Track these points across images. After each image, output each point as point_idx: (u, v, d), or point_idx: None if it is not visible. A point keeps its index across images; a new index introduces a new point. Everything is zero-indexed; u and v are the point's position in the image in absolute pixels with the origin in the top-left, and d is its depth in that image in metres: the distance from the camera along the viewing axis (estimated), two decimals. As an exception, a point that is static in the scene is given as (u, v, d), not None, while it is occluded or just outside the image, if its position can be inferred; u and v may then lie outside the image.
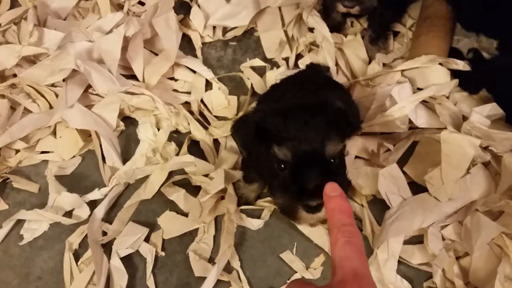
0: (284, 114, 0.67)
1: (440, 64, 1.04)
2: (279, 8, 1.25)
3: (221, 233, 0.97)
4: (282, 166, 0.65)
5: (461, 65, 1.03)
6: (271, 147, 0.65)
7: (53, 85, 1.15)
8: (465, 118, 1.01)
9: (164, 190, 1.04)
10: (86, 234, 1.00)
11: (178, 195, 1.03)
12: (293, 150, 0.63)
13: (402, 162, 1.03)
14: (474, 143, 0.92)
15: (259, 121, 0.68)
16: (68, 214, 1.04)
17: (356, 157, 1.05)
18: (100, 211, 1.02)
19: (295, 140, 0.63)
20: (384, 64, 1.13)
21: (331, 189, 0.46)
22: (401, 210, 0.95)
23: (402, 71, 1.06)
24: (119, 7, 1.32)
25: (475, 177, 0.95)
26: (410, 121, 1.02)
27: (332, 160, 0.64)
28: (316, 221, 0.63)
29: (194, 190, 1.04)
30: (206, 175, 1.04)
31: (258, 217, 1.01)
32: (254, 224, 0.99)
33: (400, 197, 0.98)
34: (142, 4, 1.33)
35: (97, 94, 1.14)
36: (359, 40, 1.17)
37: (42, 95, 1.15)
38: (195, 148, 1.10)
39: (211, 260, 0.98)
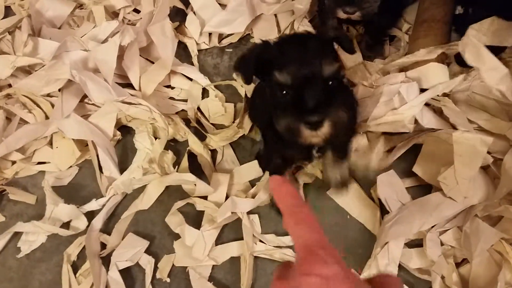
0: (281, 44, 0.73)
1: (443, 53, 1.04)
2: (275, 14, 1.25)
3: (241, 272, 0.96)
4: (284, 91, 0.69)
5: None
6: (273, 75, 0.69)
7: (48, 95, 1.14)
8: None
9: (168, 221, 1.02)
10: (85, 246, 0.99)
11: (181, 229, 0.99)
12: (293, 73, 0.67)
13: (407, 163, 1.03)
14: (486, 141, 0.92)
15: (258, 54, 0.73)
16: (66, 225, 1.03)
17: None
18: (98, 222, 1.02)
19: (294, 64, 0.68)
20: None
21: (273, 181, 0.45)
22: (400, 214, 0.95)
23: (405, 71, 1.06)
24: (114, 15, 1.31)
25: (474, 181, 0.95)
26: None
27: (330, 82, 0.68)
28: (320, 138, 0.68)
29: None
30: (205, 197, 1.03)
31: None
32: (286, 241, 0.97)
33: (398, 202, 0.98)
34: (138, 12, 1.33)
35: (93, 104, 1.13)
36: (355, 46, 1.17)
37: (38, 105, 1.15)
38: (191, 160, 1.09)
39: (212, 279, 0.97)
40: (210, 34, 1.27)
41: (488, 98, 1.05)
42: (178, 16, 1.30)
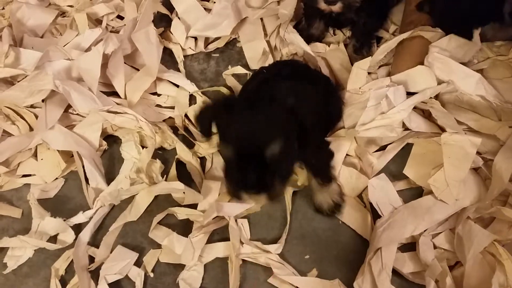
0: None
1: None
2: (261, 18, 1.24)
3: (229, 274, 0.94)
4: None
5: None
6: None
7: (32, 106, 1.12)
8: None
9: (152, 235, 0.99)
10: (72, 259, 0.97)
11: (169, 239, 0.97)
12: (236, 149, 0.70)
13: (396, 166, 1.03)
14: (475, 142, 0.93)
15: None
16: (53, 239, 1.01)
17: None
18: (86, 235, 0.99)
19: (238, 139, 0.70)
20: (369, 73, 1.11)
21: None
22: (392, 219, 0.94)
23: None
24: (98, 22, 1.29)
25: (465, 183, 0.94)
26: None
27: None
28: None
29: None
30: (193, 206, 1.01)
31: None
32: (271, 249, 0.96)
33: (390, 205, 0.97)
34: (121, 18, 1.31)
35: (78, 114, 1.11)
36: (342, 49, 1.17)
37: (22, 117, 1.12)
38: (180, 168, 1.07)
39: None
40: (195, 39, 1.25)
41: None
42: (162, 21, 1.28)
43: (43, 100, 1.10)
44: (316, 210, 1.00)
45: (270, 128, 0.70)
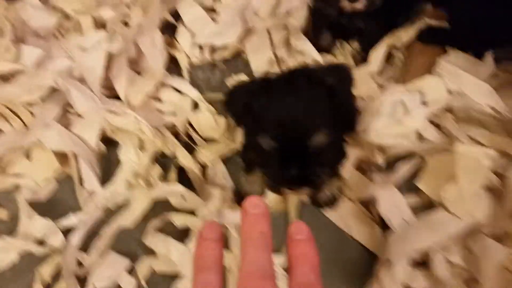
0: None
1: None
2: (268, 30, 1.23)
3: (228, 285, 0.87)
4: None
5: None
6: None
7: (29, 104, 1.08)
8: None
9: (147, 241, 0.93)
10: (60, 265, 0.90)
11: (166, 246, 0.91)
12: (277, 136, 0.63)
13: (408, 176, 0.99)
14: (490, 154, 0.90)
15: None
16: (41, 242, 0.95)
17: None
18: (76, 239, 0.93)
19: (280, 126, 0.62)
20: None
21: (297, 230, 0.37)
22: (403, 232, 0.90)
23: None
24: (103, 27, 1.27)
25: (479, 197, 0.90)
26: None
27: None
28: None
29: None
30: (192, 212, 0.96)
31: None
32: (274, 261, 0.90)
33: (401, 219, 0.93)
34: (126, 24, 1.29)
35: (76, 114, 1.07)
36: (350, 61, 1.15)
37: (17, 115, 1.08)
38: (180, 176, 1.03)
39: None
40: (201, 48, 1.23)
41: (485, 115, 1.03)
42: (168, 29, 1.26)
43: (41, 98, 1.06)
44: (312, 202, 0.96)
45: (316, 113, 0.63)
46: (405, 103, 0.94)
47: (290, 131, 0.62)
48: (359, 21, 1.02)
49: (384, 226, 0.93)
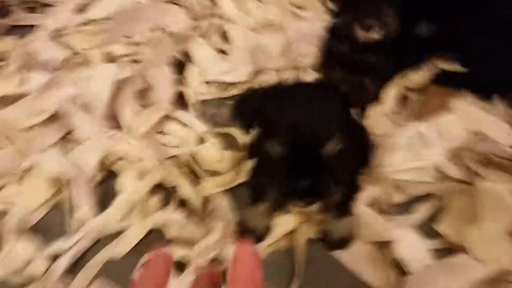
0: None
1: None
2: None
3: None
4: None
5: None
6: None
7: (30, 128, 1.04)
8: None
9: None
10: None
11: None
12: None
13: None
14: None
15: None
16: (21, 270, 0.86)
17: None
18: (59, 267, 0.84)
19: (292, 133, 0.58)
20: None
21: (241, 250, 0.35)
22: (423, 277, 0.81)
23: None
24: (111, 61, 1.26)
25: (504, 240, 0.83)
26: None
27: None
28: None
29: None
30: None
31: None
32: None
33: (419, 262, 0.84)
34: (135, 61, 1.28)
35: (76, 142, 1.03)
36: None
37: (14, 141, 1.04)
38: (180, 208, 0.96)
39: None
40: (208, 84, 1.22)
41: (503, 159, 0.98)
42: (176, 66, 1.26)
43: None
44: (322, 238, 0.88)
45: (331, 120, 0.59)
46: (423, 135, 0.89)
47: (303, 137, 0.57)
48: (371, 57, 1.01)
49: (399, 270, 0.85)
